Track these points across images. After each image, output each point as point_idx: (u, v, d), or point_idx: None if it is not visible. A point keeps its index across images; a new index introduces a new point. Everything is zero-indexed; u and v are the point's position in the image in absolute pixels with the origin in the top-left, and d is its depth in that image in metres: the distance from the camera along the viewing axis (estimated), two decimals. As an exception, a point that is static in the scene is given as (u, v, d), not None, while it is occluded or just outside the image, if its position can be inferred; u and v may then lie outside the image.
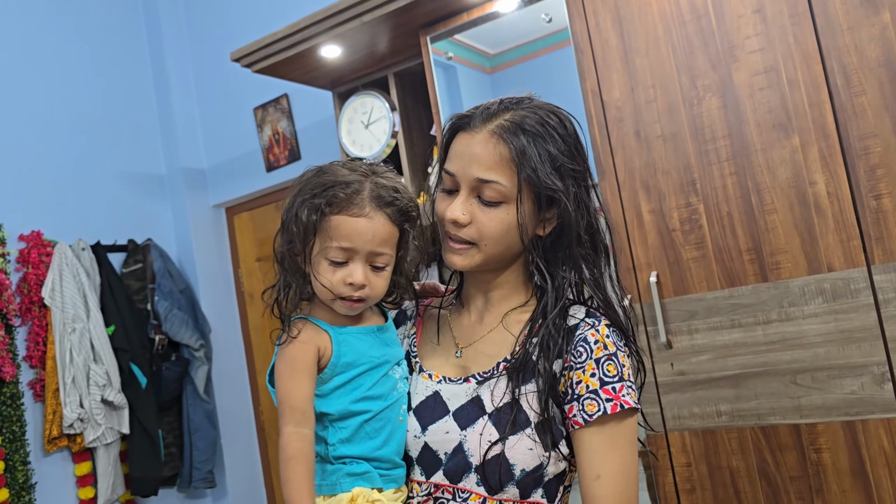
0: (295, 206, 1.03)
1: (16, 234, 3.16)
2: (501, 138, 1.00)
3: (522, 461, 0.98)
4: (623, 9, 1.97)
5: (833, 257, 1.70)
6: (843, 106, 1.70)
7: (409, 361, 1.12)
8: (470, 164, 1.01)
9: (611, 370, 0.99)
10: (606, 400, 0.98)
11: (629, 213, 1.95)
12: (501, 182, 1.00)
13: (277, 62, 2.51)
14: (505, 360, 1.04)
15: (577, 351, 1.00)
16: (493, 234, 1.01)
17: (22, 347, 3.09)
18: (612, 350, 1.00)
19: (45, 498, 3.04)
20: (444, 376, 1.07)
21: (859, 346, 1.67)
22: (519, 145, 0.99)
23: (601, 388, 0.98)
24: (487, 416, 0.99)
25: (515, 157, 0.99)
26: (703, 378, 1.85)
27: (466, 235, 1.02)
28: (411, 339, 1.16)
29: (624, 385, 0.99)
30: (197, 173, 3.85)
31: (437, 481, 1.01)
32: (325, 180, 1.03)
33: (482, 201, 1.01)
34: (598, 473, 0.97)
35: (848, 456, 1.69)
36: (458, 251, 1.03)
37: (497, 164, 1.00)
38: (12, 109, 3.28)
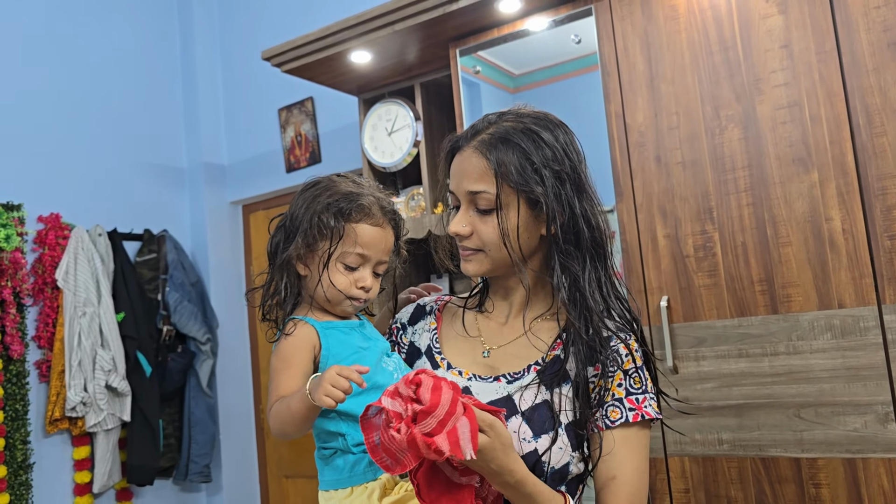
0: (317, 210, 1.09)
1: (35, 215, 3.21)
2: (481, 152, 1.08)
3: (552, 459, 1.03)
4: (652, 35, 2.00)
5: (844, 294, 1.71)
6: (863, 145, 1.71)
7: (431, 356, 1.16)
8: (462, 180, 1.10)
9: (637, 382, 1.07)
10: (629, 409, 1.05)
11: (644, 236, 1.97)
12: (488, 190, 1.07)
13: (307, 64, 2.55)
14: (536, 364, 1.09)
15: (610, 362, 1.06)
16: (493, 238, 1.08)
17: (31, 327, 3.12)
18: (640, 364, 1.09)
19: (42, 478, 3.05)
20: (474, 374, 1.11)
21: (865, 384, 1.68)
22: (496, 156, 1.07)
23: (626, 397, 1.06)
24: (521, 415, 1.04)
25: (494, 167, 1.07)
26: (707, 405, 1.86)
27: (472, 245, 1.10)
28: (432, 333, 1.19)
29: (647, 397, 1.07)
30: (217, 169, 3.89)
31: None
32: (345, 189, 1.11)
33: (478, 211, 1.09)
34: (615, 475, 1.03)
35: (847, 493, 1.69)
36: (468, 258, 1.11)
37: (481, 176, 1.07)
38: (41, 93, 3.33)
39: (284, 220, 1.12)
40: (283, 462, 3.70)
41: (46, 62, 3.37)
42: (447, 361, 1.14)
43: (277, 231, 1.12)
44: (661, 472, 1.91)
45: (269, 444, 3.77)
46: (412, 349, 1.20)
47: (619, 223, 2.01)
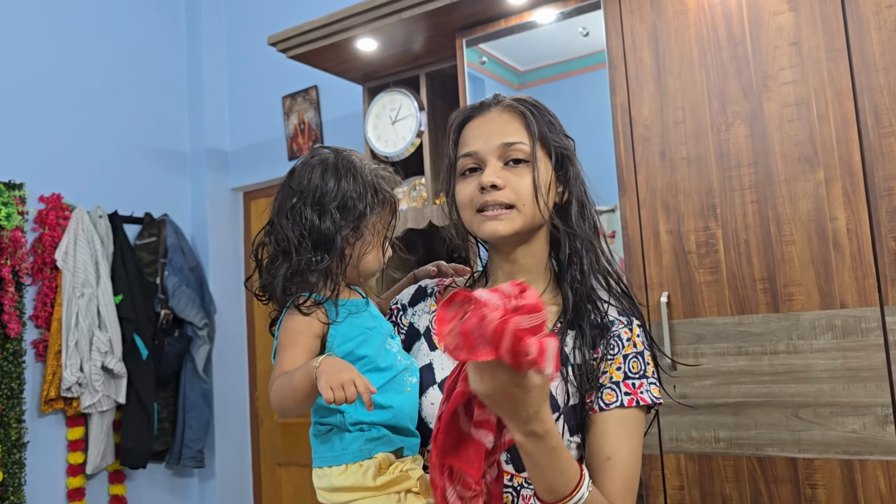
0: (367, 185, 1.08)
1: (36, 194, 3.20)
2: (513, 109, 1.10)
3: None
4: (661, 29, 1.98)
5: (847, 294, 1.70)
6: (871, 145, 1.70)
7: (429, 337, 1.15)
8: (491, 136, 1.08)
9: (635, 367, 1.06)
10: (625, 394, 1.04)
11: (647, 231, 1.96)
12: (524, 141, 1.07)
13: (313, 50, 2.53)
14: None
15: (611, 345, 1.06)
16: (528, 192, 1.06)
17: (30, 307, 3.12)
18: (640, 349, 1.07)
19: (35, 457, 3.05)
20: None
21: (865, 385, 1.67)
22: (527, 113, 1.09)
23: (623, 381, 1.05)
24: None
25: (528, 121, 1.08)
26: (705, 403, 1.85)
27: (505, 198, 1.06)
28: (431, 315, 1.18)
29: (644, 382, 1.05)
30: (219, 154, 3.88)
31: None
32: (369, 163, 1.12)
33: (510, 164, 1.07)
34: (610, 456, 1.02)
35: (843, 494, 1.68)
36: (499, 217, 1.06)
37: (515, 129, 1.08)
38: (47, 74, 3.32)
39: (306, 205, 1.05)
40: (277, 450, 3.69)
41: (53, 44, 3.36)
42: None
43: (304, 216, 1.05)
44: (656, 469, 1.90)
45: (263, 431, 3.76)
46: (411, 330, 1.19)
47: (621, 218, 2.00)
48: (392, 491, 1.00)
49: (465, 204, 1.10)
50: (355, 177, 1.08)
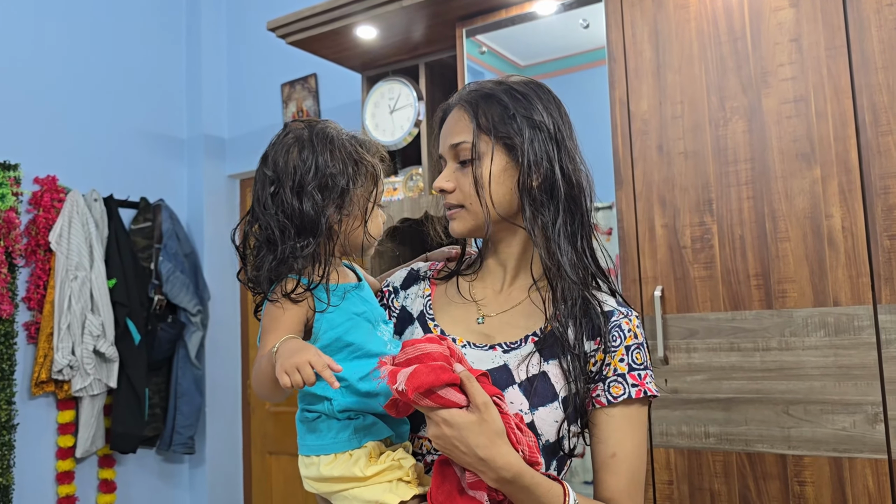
0: (348, 157, 1.02)
1: (31, 176, 3.18)
2: (462, 106, 1.10)
3: (549, 432, 1.02)
4: (661, 23, 1.97)
5: (840, 292, 1.70)
6: (868, 143, 1.70)
7: (423, 321, 1.14)
8: (446, 138, 1.11)
9: (639, 358, 1.06)
10: (632, 385, 1.04)
11: (642, 225, 1.95)
12: (466, 140, 1.08)
13: (312, 36, 2.52)
14: (534, 334, 1.07)
15: (612, 335, 1.05)
16: (471, 190, 1.07)
17: (22, 288, 3.10)
18: (641, 340, 1.07)
19: (24, 440, 3.04)
20: (468, 341, 1.09)
21: (856, 383, 1.67)
22: (475, 107, 1.08)
23: (629, 373, 1.04)
24: (517, 385, 1.02)
25: (472, 117, 1.08)
26: (696, 398, 1.84)
27: (454, 199, 1.10)
28: (425, 299, 1.17)
29: (648, 373, 1.06)
30: (217, 141, 3.86)
31: None
32: (346, 132, 1.06)
33: (460, 165, 1.10)
34: (615, 452, 1.02)
35: (831, 492, 1.68)
36: (452, 217, 1.11)
37: (462, 129, 1.09)
38: (45, 56, 3.30)
39: (285, 188, 1.00)
40: (268, 438, 3.68)
41: (51, 27, 3.34)
42: (440, 328, 1.12)
43: (285, 200, 0.99)
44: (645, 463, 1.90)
45: (254, 419, 3.75)
46: (404, 314, 1.17)
47: (617, 211, 1.99)
48: (383, 480, 0.98)
49: None
50: (332, 151, 1.01)
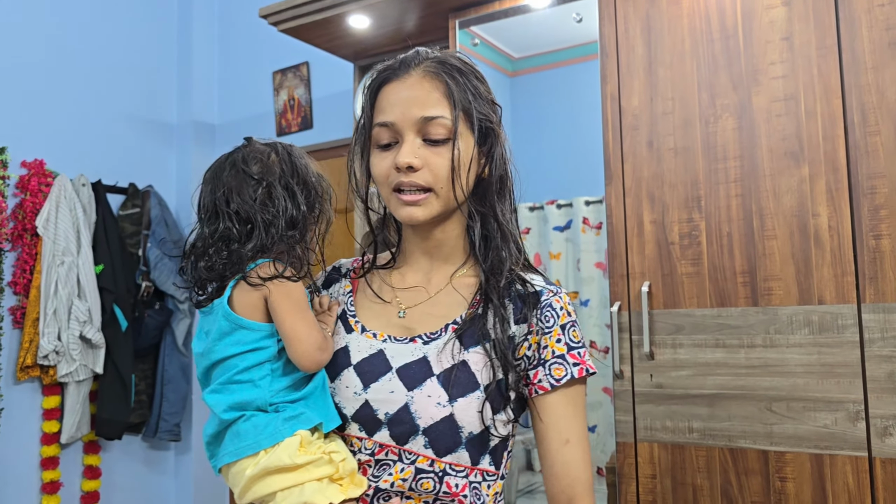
0: (313, 173, 1.08)
1: (19, 159, 3.15)
2: (434, 75, 1.01)
3: (471, 424, 0.97)
4: (654, 19, 1.97)
5: (825, 290, 1.71)
6: (856, 143, 1.71)
7: (345, 319, 1.10)
8: (410, 108, 0.99)
9: (575, 336, 1.03)
10: (574, 364, 1.01)
11: (630, 220, 1.96)
12: (445, 115, 0.99)
13: (304, 24, 2.51)
14: (454, 323, 1.03)
15: (545, 316, 1.02)
16: (446, 173, 1.00)
17: (8, 273, 3.08)
18: (574, 317, 1.04)
19: (9, 425, 3.03)
20: (389, 335, 1.05)
21: (839, 381, 1.68)
22: (449, 77, 1.00)
23: (568, 352, 1.01)
24: (435, 378, 0.98)
25: (451, 90, 1.00)
26: (680, 393, 1.86)
27: (422, 180, 0.99)
28: (347, 297, 1.13)
29: (586, 350, 1.03)
30: (207, 128, 3.84)
31: (382, 441, 0.99)
32: (298, 149, 1.11)
33: (429, 142, 1.00)
34: (568, 438, 1.00)
35: (812, 488, 1.70)
36: (416, 202, 1.00)
37: (437, 101, 1.00)
38: (32, 37, 3.27)
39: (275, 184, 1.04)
40: (255, 426, 3.68)
41: (41, 10, 3.30)
42: (361, 324, 1.08)
43: (279, 193, 1.04)
44: (629, 457, 1.92)
45: (241, 407, 3.75)
46: None
47: (606, 206, 2.00)
48: (311, 478, 0.95)
49: (381, 181, 1.03)
50: (307, 164, 1.09)
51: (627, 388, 1.92)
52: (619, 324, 1.94)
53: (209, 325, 1.04)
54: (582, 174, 2.75)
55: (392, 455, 0.98)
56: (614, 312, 1.94)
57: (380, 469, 0.99)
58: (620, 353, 1.93)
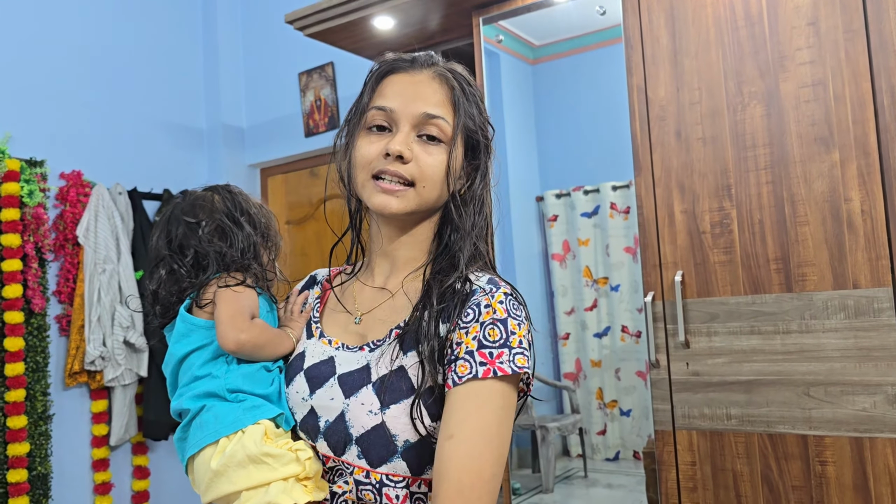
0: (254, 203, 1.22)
1: (57, 171, 3.25)
2: (445, 79, 1.02)
3: (405, 432, 0.92)
4: (678, 8, 1.98)
5: (860, 275, 1.72)
6: (886, 126, 1.70)
7: (309, 326, 1.10)
8: (414, 100, 0.99)
9: (493, 334, 0.93)
10: (480, 363, 0.91)
11: (661, 211, 1.97)
12: (447, 119, 1.00)
13: (329, 28, 2.54)
14: (398, 327, 1.00)
15: (466, 313, 0.95)
16: (434, 174, 0.99)
17: (53, 282, 3.18)
18: (503, 316, 0.94)
19: (60, 429, 3.13)
20: (343, 343, 1.03)
21: (876, 364, 1.69)
22: (458, 89, 1.01)
23: (478, 350, 0.92)
24: (371, 385, 0.95)
25: (456, 99, 1.01)
26: (717, 380, 1.88)
27: (408, 173, 0.98)
28: (315, 304, 1.13)
29: (505, 351, 0.92)
30: (236, 131, 3.91)
31: (323, 451, 0.97)
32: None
33: (424, 139, 0.99)
34: (452, 433, 0.89)
35: (852, 471, 1.71)
36: (395, 192, 0.98)
37: (442, 102, 1.00)
38: (65, 52, 3.35)
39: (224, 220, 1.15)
40: (295, 422, 3.76)
41: (70, 22, 3.38)
42: (321, 330, 1.07)
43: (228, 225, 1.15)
44: (668, 445, 1.94)
45: (281, 404, 3.83)
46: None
47: (636, 197, 2.01)
48: (278, 478, 0.94)
49: (362, 164, 1.00)
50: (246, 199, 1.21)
51: (664, 376, 1.94)
52: (654, 313, 1.96)
53: (170, 342, 1.11)
54: (608, 159, 2.76)
55: (335, 463, 0.96)
56: (648, 302, 1.96)
57: (336, 474, 0.97)
58: (655, 342, 1.95)
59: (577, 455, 2.80)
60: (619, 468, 2.74)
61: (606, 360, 2.77)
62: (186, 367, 1.05)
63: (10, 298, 2.94)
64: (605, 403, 2.77)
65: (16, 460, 2.90)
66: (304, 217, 3.81)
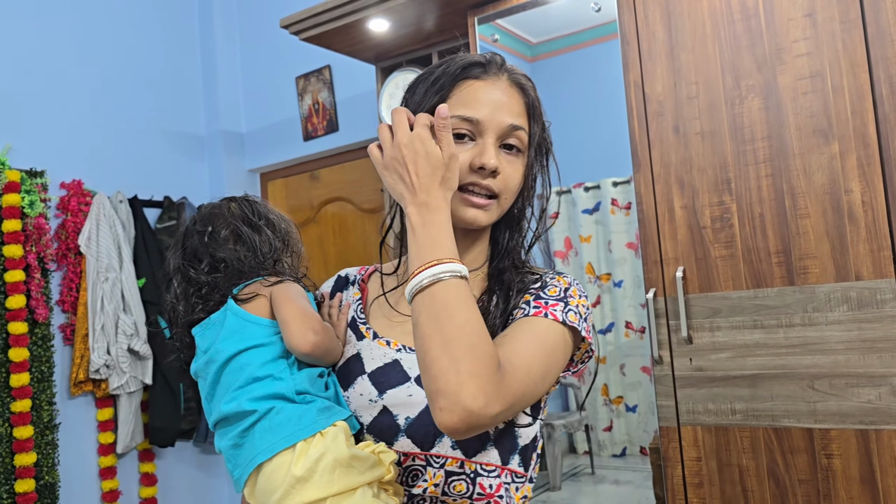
0: (273, 210, 1.20)
1: (58, 181, 3.25)
2: (521, 88, 1.01)
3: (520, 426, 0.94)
4: (673, 3, 1.97)
5: (862, 266, 1.71)
6: (885, 116, 1.69)
7: (355, 327, 1.08)
8: (499, 110, 0.97)
9: (551, 292, 0.97)
10: (534, 307, 0.94)
11: (661, 206, 1.97)
12: (525, 129, 0.99)
13: (325, 32, 2.54)
14: None
15: (530, 291, 0.98)
16: (515, 186, 0.99)
17: (56, 292, 3.18)
18: (564, 286, 0.98)
19: (67, 438, 3.14)
20: (403, 345, 1.02)
21: (880, 356, 1.68)
22: (534, 97, 1.01)
23: (534, 300, 0.96)
24: None
25: (532, 106, 1.01)
26: (721, 375, 1.87)
27: (496, 187, 0.97)
28: (356, 304, 1.11)
29: (561, 304, 0.95)
30: (235, 137, 3.91)
31: (405, 449, 0.96)
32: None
33: (507, 149, 0.99)
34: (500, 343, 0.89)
35: (859, 464, 1.70)
36: (484, 207, 0.98)
37: (520, 112, 0.99)
38: (63, 62, 3.35)
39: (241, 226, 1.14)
40: (301, 426, 3.76)
41: (68, 31, 3.38)
42: (373, 331, 1.05)
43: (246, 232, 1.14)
44: (673, 441, 1.94)
45: (287, 408, 3.83)
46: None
47: (635, 193, 2.01)
48: (362, 483, 0.90)
49: None
50: (265, 205, 1.20)
51: (668, 372, 1.93)
52: (656, 309, 1.95)
53: (208, 341, 1.04)
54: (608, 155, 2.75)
55: (419, 461, 0.95)
56: (650, 299, 1.95)
57: (410, 477, 0.95)
58: (658, 338, 1.95)
59: (584, 452, 2.79)
60: (627, 464, 2.73)
61: (611, 356, 2.76)
62: (239, 367, 0.98)
63: (14, 309, 2.94)
64: (610, 399, 2.77)
65: (23, 470, 2.90)
66: (306, 220, 3.81)
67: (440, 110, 0.90)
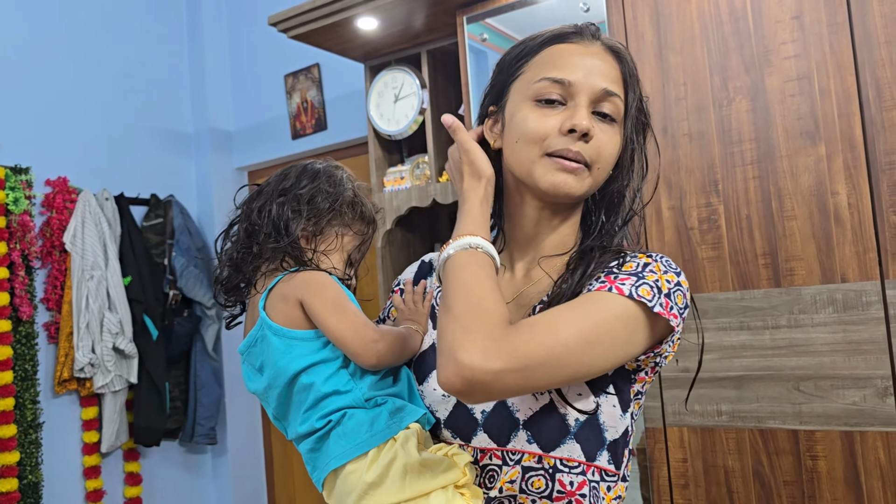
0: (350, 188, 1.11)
1: (43, 178, 3.22)
2: (617, 55, 0.94)
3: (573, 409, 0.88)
4: (662, 5, 1.97)
5: (848, 268, 1.71)
6: (872, 119, 1.70)
7: (434, 318, 1.05)
8: (593, 74, 0.91)
9: (627, 268, 0.89)
10: (599, 283, 0.87)
11: (648, 207, 1.97)
12: (621, 97, 0.93)
13: (314, 30, 2.53)
14: (541, 303, 0.94)
15: (612, 263, 0.92)
16: (609, 155, 0.92)
17: (40, 289, 3.15)
18: (645, 261, 0.90)
19: (51, 437, 3.11)
20: None
21: (865, 358, 1.69)
22: (631, 65, 0.95)
23: (604, 276, 0.88)
24: None
25: (628, 73, 0.94)
26: (707, 377, 1.87)
27: (587, 154, 0.90)
28: (437, 291, 1.08)
29: (632, 277, 0.86)
30: (223, 135, 3.88)
31: (482, 445, 0.91)
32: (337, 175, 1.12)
33: (601, 117, 0.92)
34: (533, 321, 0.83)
35: (843, 465, 1.71)
36: (574, 171, 0.90)
37: (616, 79, 0.93)
38: (49, 58, 3.32)
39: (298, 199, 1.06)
40: (288, 426, 3.74)
41: (55, 28, 3.35)
42: None
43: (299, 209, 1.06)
44: (659, 442, 1.94)
45: (274, 408, 3.81)
46: None
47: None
48: (437, 487, 0.87)
49: (535, 139, 0.91)
50: (332, 182, 1.09)
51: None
52: (643, 311, 1.95)
53: (256, 360, 1.02)
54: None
55: (496, 459, 0.90)
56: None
57: (487, 478, 0.91)
58: (645, 339, 1.94)
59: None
60: (613, 465, 2.73)
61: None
62: (303, 387, 0.95)
63: (-3, 307, 2.91)
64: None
65: (6, 469, 2.87)
66: (294, 219, 3.79)
67: (443, 119, 0.96)
